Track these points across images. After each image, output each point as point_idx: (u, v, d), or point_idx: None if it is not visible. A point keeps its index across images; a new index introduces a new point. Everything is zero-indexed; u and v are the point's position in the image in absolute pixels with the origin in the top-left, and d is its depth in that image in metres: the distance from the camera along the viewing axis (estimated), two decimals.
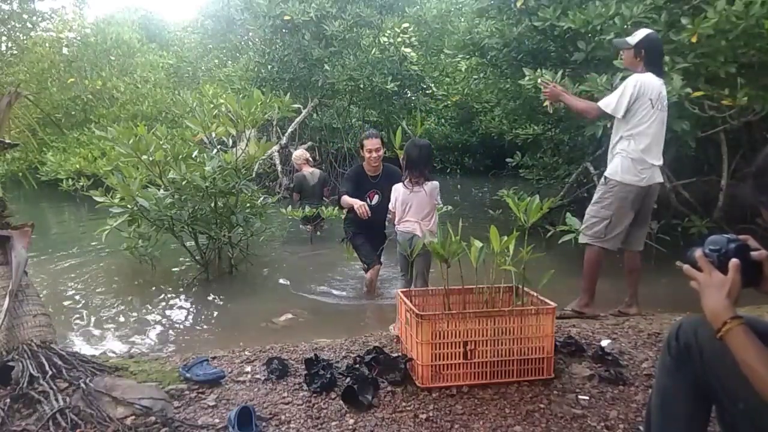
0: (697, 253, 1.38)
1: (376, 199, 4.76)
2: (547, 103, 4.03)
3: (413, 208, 3.72)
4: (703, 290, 1.34)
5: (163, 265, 5.85)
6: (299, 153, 8.01)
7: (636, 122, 3.49)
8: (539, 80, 4.05)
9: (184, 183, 4.99)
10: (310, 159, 8.00)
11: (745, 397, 1.33)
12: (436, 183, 3.79)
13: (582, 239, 3.72)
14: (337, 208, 6.16)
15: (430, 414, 2.26)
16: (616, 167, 3.56)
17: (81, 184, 8.16)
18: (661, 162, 3.62)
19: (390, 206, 3.91)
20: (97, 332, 4.21)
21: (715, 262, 1.36)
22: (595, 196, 3.71)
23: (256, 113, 5.04)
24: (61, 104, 13.25)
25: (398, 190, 3.78)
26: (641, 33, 3.59)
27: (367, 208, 4.36)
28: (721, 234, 1.42)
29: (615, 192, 3.55)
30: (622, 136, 3.55)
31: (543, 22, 5.56)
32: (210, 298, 5.06)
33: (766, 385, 1.21)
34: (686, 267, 1.38)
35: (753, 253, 1.38)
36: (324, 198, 7.52)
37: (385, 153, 4.86)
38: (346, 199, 4.57)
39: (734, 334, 1.27)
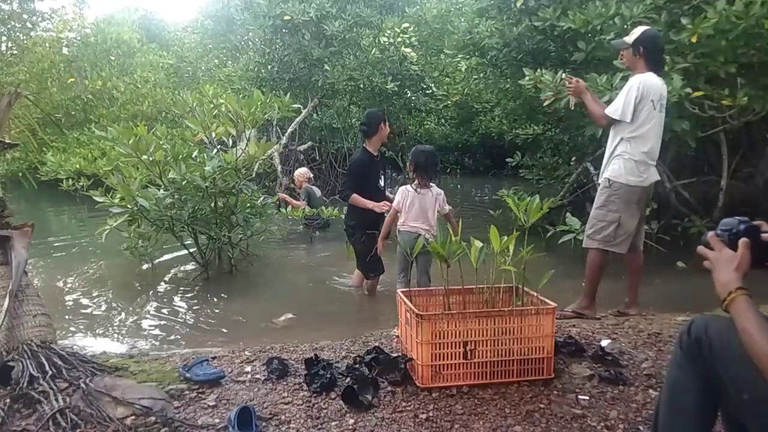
0: (710, 234, 1.48)
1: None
2: (572, 100, 3.93)
3: (418, 208, 3.93)
4: (714, 266, 1.44)
5: (163, 265, 5.84)
6: (303, 171, 8.72)
7: (639, 124, 3.44)
8: (563, 76, 3.99)
9: (184, 183, 4.99)
10: (311, 177, 8.73)
11: (749, 388, 1.38)
12: (441, 191, 4.06)
13: (589, 244, 3.63)
14: (336, 208, 6.16)
15: (430, 414, 2.26)
16: (620, 170, 3.49)
17: (81, 184, 8.14)
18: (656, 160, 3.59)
19: (394, 205, 4.03)
20: (97, 332, 4.20)
21: (726, 241, 1.45)
22: (599, 200, 3.62)
23: (256, 113, 5.04)
24: (61, 104, 13.23)
25: (406, 191, 3.97)
26: (638, 30, 3.53)
27: (387, 205, 4.27)
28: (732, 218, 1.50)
29: (621, 194, 3.49)
30: (623, 138, 3.49)
31: (543, 22, 5.57)
32: (210, 298, 5.06)
33: (760, 353, 1.28)
34: (700, 247, 1.48)
35: (764, 235, 1.44)
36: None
37: (385, 152, 4.86)
38: (360, 200, 4.39)
39: (737, 303, 1.36)
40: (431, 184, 3.98)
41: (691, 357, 1.54)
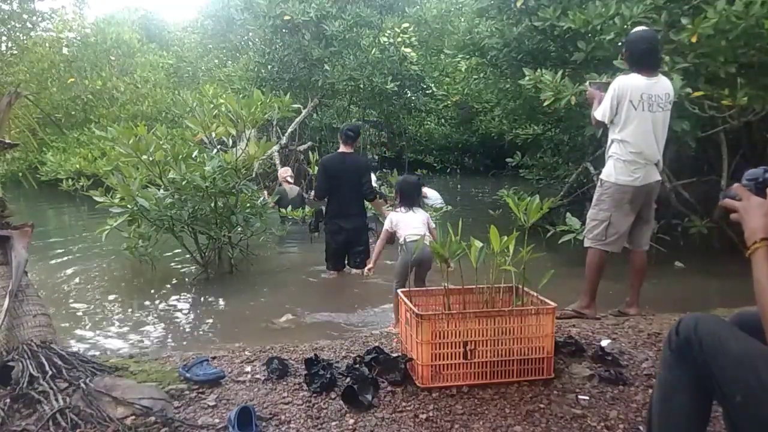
0: (736, 185, 1.49)
1: None
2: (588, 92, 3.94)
3: (413, 220, 3.96)
4: (743, 215, 1.44)
5: (163, 265, 5.85)
6: (283, 170, 8.87)
7: (621, 126, 3.48)
8: (587, 83, 4.00)
9: (184, 183, 4.99)
10: (290, 179, 8.62)
11: (742, 390, 1.37)
12: (426, 214, 4.12)
13: (585, 242, 3.72)
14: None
15: (430, 414, 2.26)
16: (610, 169, 3.56)
17: (81, 184, 8.15)
18: (657, 160, 3.56)
19: (386, 227, 4.04)
20: (97, 332, 4.21)
21: (753, 189, 1.46)
22: (594, 199, 3.71)
23: (256, 113, 5.05)
24: (61, 104, 13.24)
25: (395, 215, 4.02)
26: (632, 31, 3.61)
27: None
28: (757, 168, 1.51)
29: (611, 194, 3.55)
30: (613, 140, 3.56)
31: (543, 22, 5.56)
32: (210, 298, 5.06)
33: (766, 304, 1.30)
34: (726, 200, 1.48)
35: None
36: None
37: (385, 152, 4.91)
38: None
39: (759, 254, 1.37)
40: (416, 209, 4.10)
41: (681, 357, 1.53)
